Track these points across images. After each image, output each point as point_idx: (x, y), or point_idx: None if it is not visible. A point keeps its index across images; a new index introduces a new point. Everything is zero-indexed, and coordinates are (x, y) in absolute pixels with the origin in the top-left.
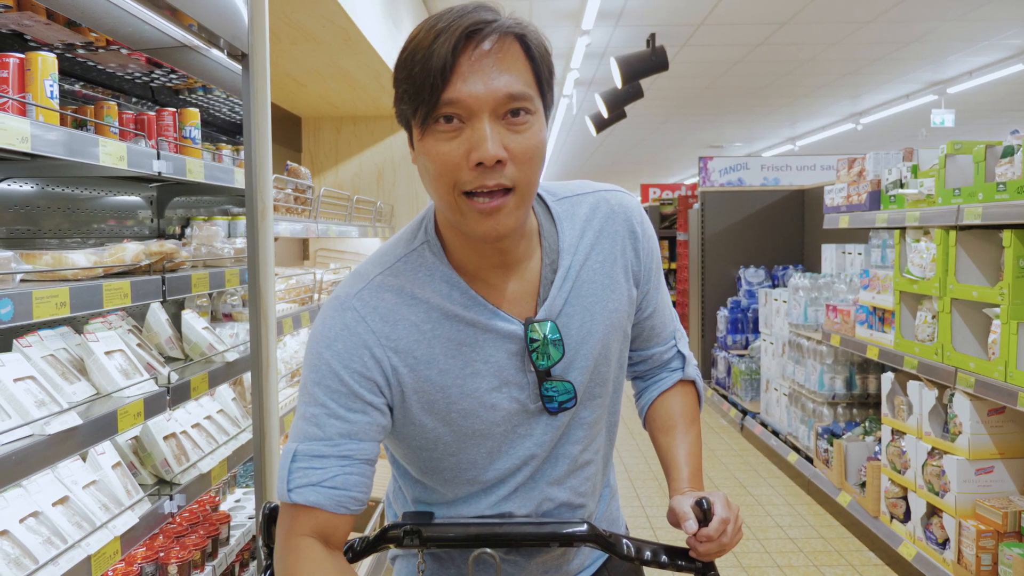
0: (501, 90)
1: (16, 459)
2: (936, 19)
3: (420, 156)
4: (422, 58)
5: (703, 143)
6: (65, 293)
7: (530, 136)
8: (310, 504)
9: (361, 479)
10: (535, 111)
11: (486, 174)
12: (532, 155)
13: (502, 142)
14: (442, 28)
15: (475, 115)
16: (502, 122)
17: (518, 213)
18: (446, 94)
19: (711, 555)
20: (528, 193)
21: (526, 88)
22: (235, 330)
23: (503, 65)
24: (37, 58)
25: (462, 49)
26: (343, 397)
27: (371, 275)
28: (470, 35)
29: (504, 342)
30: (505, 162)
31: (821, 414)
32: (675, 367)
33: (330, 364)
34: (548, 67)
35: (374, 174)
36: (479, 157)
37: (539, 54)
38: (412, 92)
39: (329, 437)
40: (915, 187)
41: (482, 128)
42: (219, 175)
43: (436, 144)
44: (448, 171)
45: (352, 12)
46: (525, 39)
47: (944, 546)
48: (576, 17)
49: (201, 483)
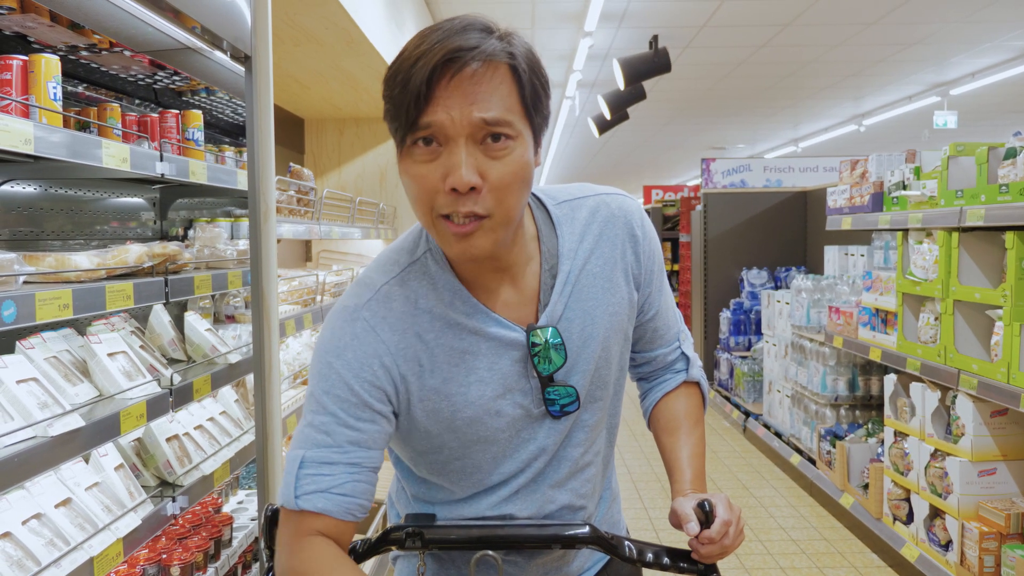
0: (476, 116)
1: (19, 461)
2: (939, 21)
3: (402, 174)
4: (401, 80)
5: (706, 145)
6: (68, 295)
7: (509, 162)
8: (318, 511)
9: (367, 487)
10: (517, 135)
11: (459, 200)
12: (510, 182)
13: (479, 168)
14: (423, 51)
15: (451, 139)
16: (480, 147)
17: (494, 236)
18: (422, 118)
19: (713, 557)
20: (508, 218)
21: (506, 114)
22: (238, 332)
23: (482, 90)
24: (40, 60)
25: (439, 76)
26: (353, 407)
27: (378, 284)
28: (447, 63)
29: (507, 349)
30: (480, 189)
31: (824, 416)
32: (679, 368)
33: (340, 374)
34: (536, 89)
35: (377, 176)
36: (452, 183)
37: (527, 77)
38: (393, 112)
39: (339, 445)
40: (918, 189)
41: (458, 153)
42: (222, 177)
43: (415, 165)
44: (425, 194)
45: (355, 14)
46: (513, 60)
47: (947, 548)
48: (579, 19)
49: (204, 485)
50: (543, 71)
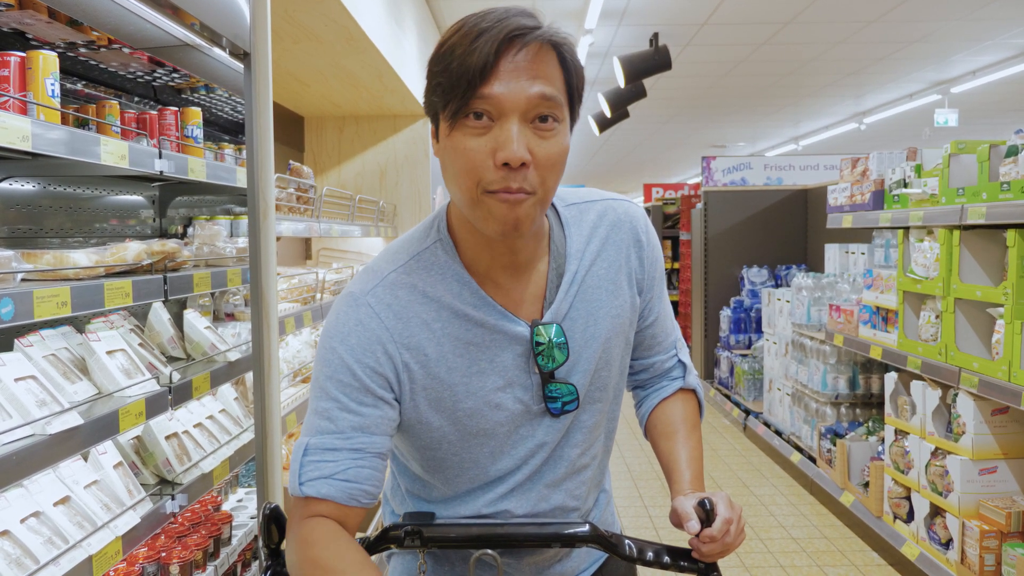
0: (534, 94)
1: (17, 459)
2: (940, 18)
3: (446, 149)
4: (462, 54)
5: (706, 143)
6: (66, 292)
7: (554, 143)
8: (322, 496)
9: (373, 472)
10: (562, 120)
11: (510, 176)
12: (555, 161)
13: (527, 145)
14: (486, 27)
15: (505, 115)
16: (530, 126)
17: (534, 213)
18: (481, 90)
19: (714, 556)
20: (547, 198)
21: (558, 95)
22: (237, 330)
23: (539, 71)
24: (38, 57)
25: (503, 51)
26: (355, 391)
27: (385, 272)
28: (513, 38)
29: (511, 343)
30: (529, 165)
31: (824, 414)
32: (676, 376)
33: (343, 359)
34: (580, 80)
35: (377, 174)
36: (505, 157)
37: (574, 66)
38: (447, 85)
39: (341, 430)
40: (919, 187)
41: (510, 129)
42: (221, 174)
43: (464, 139)
44: (473, 168)
45: (355, 11)
46: (562, 49)
47: (947, 546)
48: (579, 16)
49: (203, 483)
50: (580, 63)
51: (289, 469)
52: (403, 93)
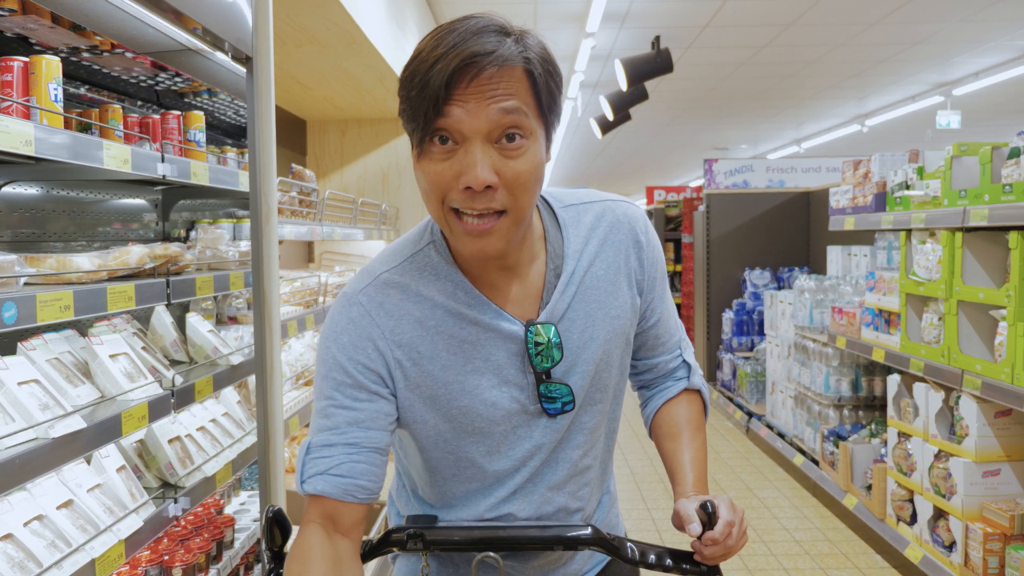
0: (493, 118)
1: (20, 462)
2: (942, 20)
3: (417, 170)
4: (419, 83)
5: (708, 145)
6: (69, 296)
7: (523, 162)
8: (318, 492)
9: (369, 467)
10: (530, 134)
11: (474, 197)
12: (523, 181)
13: (494, 167)
14: (440, 55)
15: (467, 139)
16: (495, 147)
17: (509, 235)
18: (440, 120)
19: (716, 558)
20: (521, 215)
21: (521, 115)
22: (240, 333)
23: (500, 90)
24: (41, 62)
25: (457, 79)
26: (349, 388)
27: (377, 272)
28: (467, 66)
29: (505, 342)
30: (496, 187)
31: (827, 416)
32: (680, 376)
33: (336, 357)
34: (551, 89)
35: (379, 177)
36: (467, 182)
37: (542, 77)
38: (409, 113)
39: (336, 426)
40: (921, 189)
41: (473, 153)
42: (224, 178)
43: (430, 164)
44: (438, 189)
45: (356, 15)
46: (528, 63)
47: (951, 549)
48: (581, 19)
49: (206, 486)
50: (557, 70)
51: (295, 470)
52: None
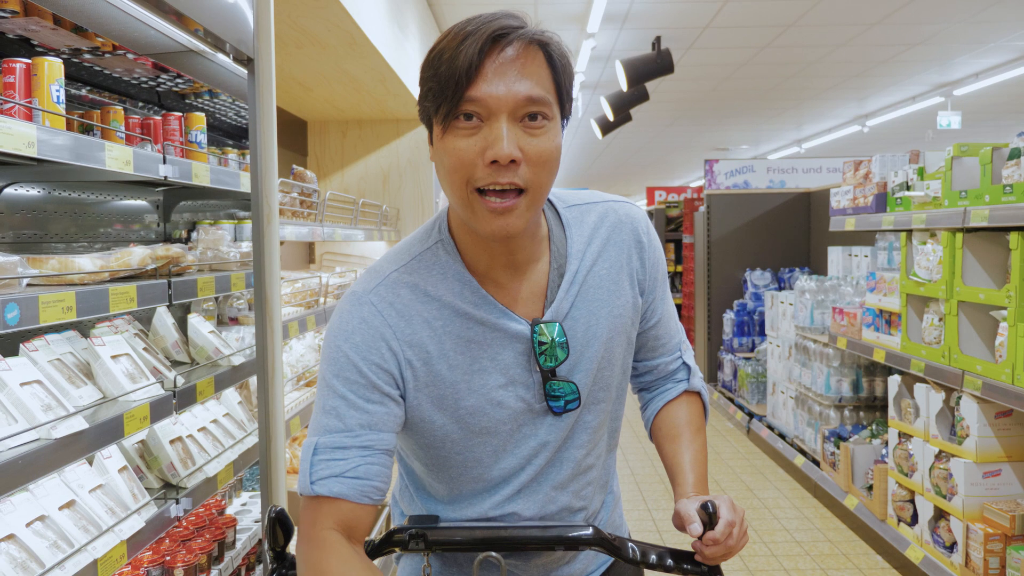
0: (521, 93)
1: (23, 463)
2: (943, 21)
3: (438, 152)
4: (449, 58)
5: (709, 146)
6: (71, 297)
7: (545, 140)
8: (334, 495)
9: (382, 469)
10: (552, 117)
11: (500, 171)
12: (546, 159)
13: (518, 143)
14: (470, 31)
15: (494, 115)
16: (519, 124)
17: (528, 215)
18: (469, 92)
19: (717, 558)
20: (539, 195)
21: (545, 94)
22: (241, 334)
23: (525, 70)
24: (43, 63)
25: (488, 51)
26: (362, 388)
27: (387, 272)
28: (496, 39)
29: (511, 341)
30: (519, 162)
31: (828, 417)
32: (680, 378)
33: (348, 356)
34: (568, 77)
35: (380, 178)
36: (494, 155)
37: (561, 64)
38: (437, 90)
39: (350, 428)
40: (921, 189)
41: (499, 128)
42: (225, 179)
43: (455, 140)
44: (463, 166)
45: (357, 17)
46: (548, 48)
47: (952, 549)
48: (581, 20)
49: (207, 487)
50: (571, 64)
51: (299, 470)
52: (406, 97)
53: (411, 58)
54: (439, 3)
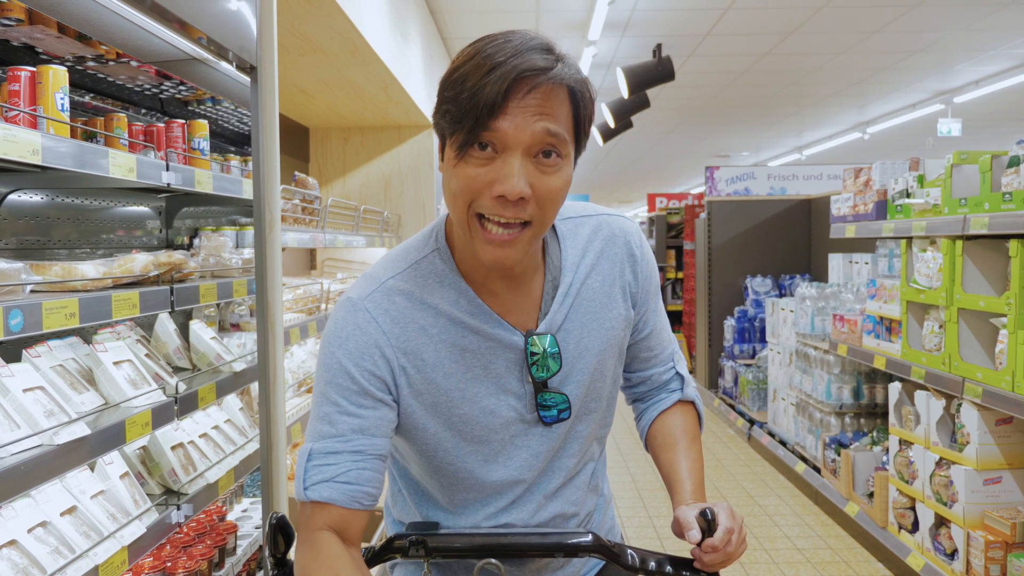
0: (540, 131)
1: (25, 469)
2: (943, 28)
3: (447, 171)
4: (472, 87)
5: (710, 153)
6: (74, 304)
7: (556, 179)
8: (324, 500)
9: (373, 474)
10: (567, 155)
11: (506, 206)
12: (555, 196)
13: (528, 180)
14: (499, 63)
15: (509, 149)
16: (532, 160)
17: (528, 247)
18: (491, 123)
19: (716, 565)
20: (543, 228)
21: (563, 131)
22: (243, 340)
23: (546, 109)
24: (48, 71)
25: (513, 91)
26: (354, 395)
27: (382, 279)
28: (525, 78)
29: (505, 351)
30: (528, 199)
31: (828, 424)
32: (674, 388)
33: (342, 363)
34: (588, 117)
35: (381, 184)
36: (502, 191)
37: (583, 104)
38: (456, 115)
39: (342, 433)
40: (921, 197)
41: (512, 163)
42: (227, 186)
43: (465, 168)
44: (468, 193)
45: (360, 24)
46: (574, 88)
47: (952, 557)
48: (583, 28)
49: (208, 493)
50: (593, 99)
51: (295, 475)
52: (408, 104)
53: (413, 66)
54: (441, 11)
